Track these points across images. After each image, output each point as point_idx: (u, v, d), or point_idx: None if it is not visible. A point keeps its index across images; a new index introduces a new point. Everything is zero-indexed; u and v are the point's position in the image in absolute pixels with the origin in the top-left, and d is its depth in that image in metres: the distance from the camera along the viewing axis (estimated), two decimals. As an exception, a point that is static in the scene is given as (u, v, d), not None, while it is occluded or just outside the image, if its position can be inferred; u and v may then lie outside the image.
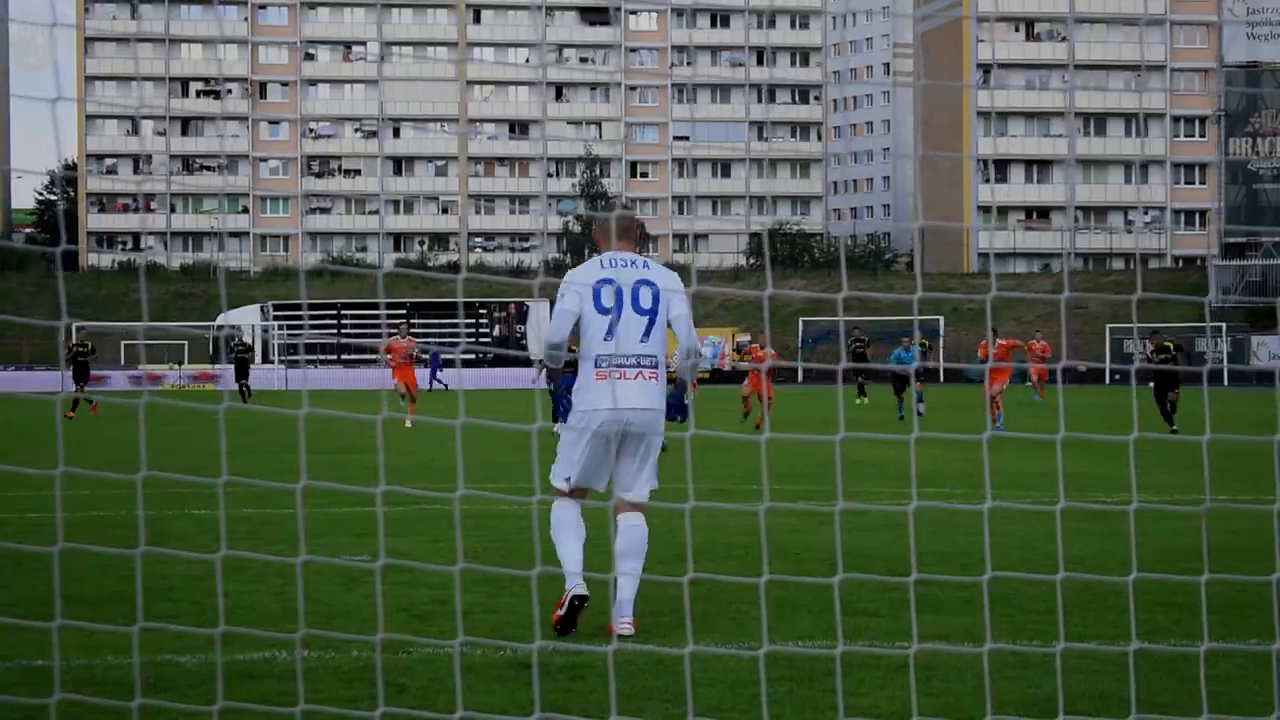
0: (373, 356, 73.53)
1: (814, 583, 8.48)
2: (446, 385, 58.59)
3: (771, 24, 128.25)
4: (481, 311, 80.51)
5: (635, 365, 8.65)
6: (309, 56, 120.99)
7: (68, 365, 43.42)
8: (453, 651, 7.09)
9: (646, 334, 8.68)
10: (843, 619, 7.75)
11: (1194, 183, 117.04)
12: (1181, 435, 24.63)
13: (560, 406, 8.94)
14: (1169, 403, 30.52)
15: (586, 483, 9.02)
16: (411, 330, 38.62)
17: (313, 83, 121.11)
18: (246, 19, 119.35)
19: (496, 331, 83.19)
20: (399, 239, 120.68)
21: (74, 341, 40.46)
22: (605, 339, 8.65)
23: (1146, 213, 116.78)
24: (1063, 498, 5.82)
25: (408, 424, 31.58)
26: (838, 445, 5.43)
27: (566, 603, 8.49)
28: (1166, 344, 31.98)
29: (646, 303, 8.71)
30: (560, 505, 8.88)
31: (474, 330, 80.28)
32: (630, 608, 8.60)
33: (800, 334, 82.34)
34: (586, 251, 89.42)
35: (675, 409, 9.10)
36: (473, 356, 74.25)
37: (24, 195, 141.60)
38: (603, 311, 8.65)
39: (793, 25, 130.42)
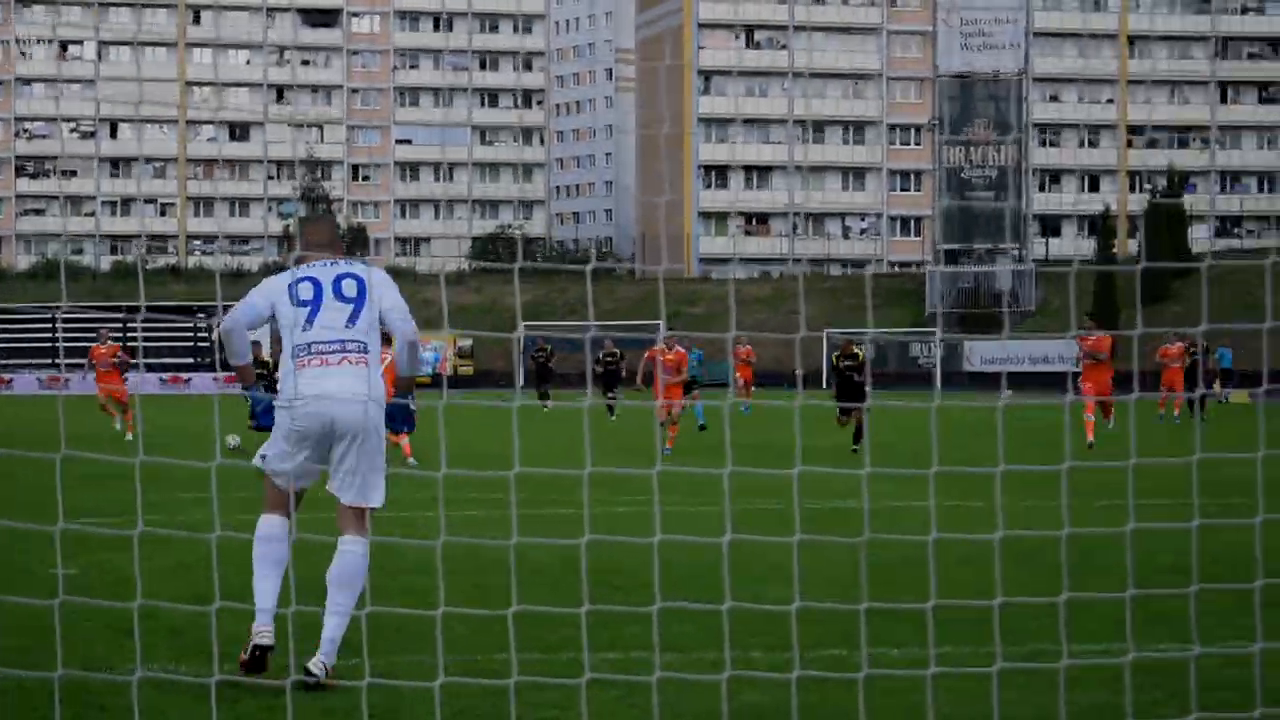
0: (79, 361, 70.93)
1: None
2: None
3: (495, 29, 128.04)
4: (200, 315, 78.51)
5: (340, 350, 7.77)
6: (23, 55, 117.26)
7: None
8: (148, 674, 6.64)
9: (352, 320, 7.84)
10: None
11: (909, 190, 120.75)
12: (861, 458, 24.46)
13: (257, 423, 8.13)
14: (855, 420, 27.12)
15: (297, 481, 7.93)
16: (114, 335, 37.09)
17: (27, 82, 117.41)
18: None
19: (215, 336, 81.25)
20: (116, 241, 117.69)
21: None
22: (304, 329, 7.80)
23: (864, 219, 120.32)
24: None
25: (127, 436, 30.54)
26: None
27: (249, 650, 7.46)
28: (855, 350, 29.67)
29: (350, 292, 7.92)
30: (265, 521, 7.86)
31: (192, 334, 77.96)
32: (332, 649, 7.50)
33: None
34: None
35: (400, 419, 8.53)
36: (190, 361, 72.41)
37: None
38: (300, 304, 7.84)
39: (516, 30, 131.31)
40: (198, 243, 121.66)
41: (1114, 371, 29.16)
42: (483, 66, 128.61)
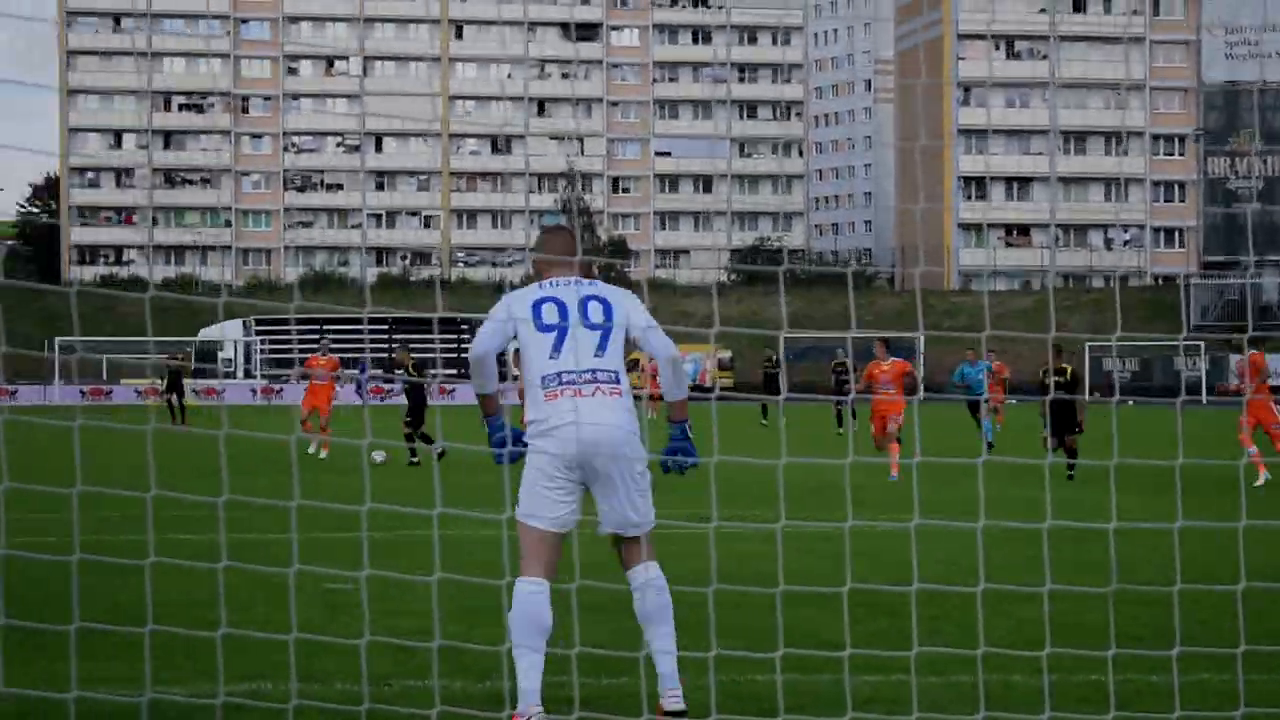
0: (286, 373, 73.86)
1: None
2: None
3: (753, 40, 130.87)
4: (464, 327, 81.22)
5: (591, 381, 7.47)
6: (291, 71, 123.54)
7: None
8: (432, 686, 7.14)
9: (601, 348, 7.57)
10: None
11: (1173, 200, 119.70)
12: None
13: (498, 455, 7.82)
14: (1066, 442, 25.06)
15: (557, 526, 7.51)
16: (334, 348, 36.28)
17: (295, 97, 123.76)
18: (229, 33, 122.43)
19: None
20: (381, 253, 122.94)
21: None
22: (551, 357, 7.55)
23: (1126, 230, 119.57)
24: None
25: (321, 454, 29.35)
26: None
27: None
28: (1064, 366, 26.44)
29: (597, 317, 7.63)
30: (524, 590, 7.38)
31: (455, 346, 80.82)
32: (674, 680, 7.35)
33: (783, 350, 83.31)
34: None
35: (680, 450, 7.81)
36: (455, 372, 74.52)
37: (4, 207, 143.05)
38: (546, 329, 7.59)
39: (774, 42, 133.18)
40: (461, 254, 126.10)
41: None
42: (741, 79, 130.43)
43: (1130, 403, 59.50)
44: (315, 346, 37.95)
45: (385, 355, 73.67)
